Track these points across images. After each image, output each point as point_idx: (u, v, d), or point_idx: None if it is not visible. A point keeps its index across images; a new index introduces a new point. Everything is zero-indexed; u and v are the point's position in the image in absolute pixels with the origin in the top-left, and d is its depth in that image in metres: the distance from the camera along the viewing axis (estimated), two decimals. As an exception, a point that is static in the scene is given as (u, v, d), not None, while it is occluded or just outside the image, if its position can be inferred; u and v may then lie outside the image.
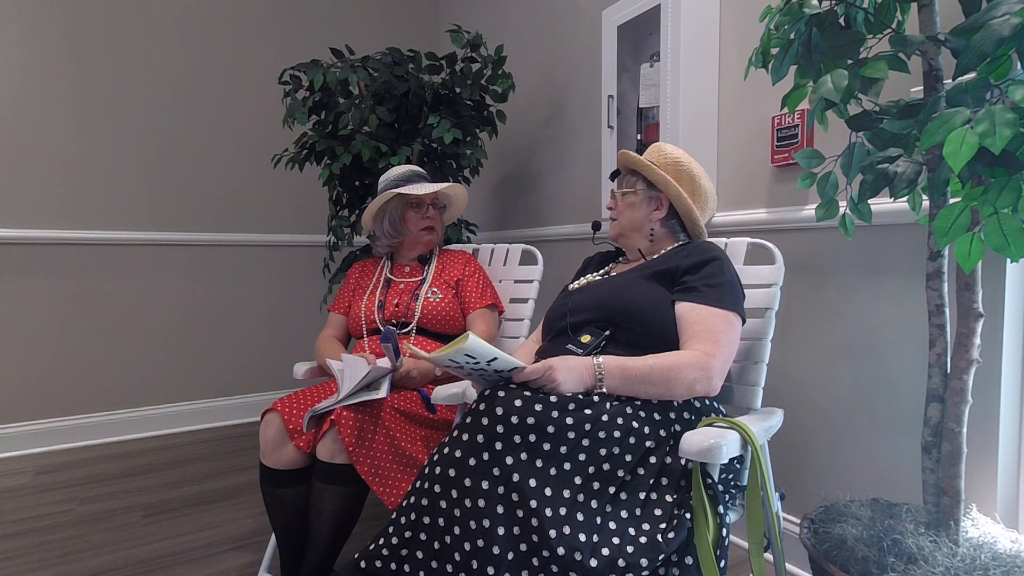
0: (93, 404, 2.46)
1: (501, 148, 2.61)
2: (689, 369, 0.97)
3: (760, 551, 0.90)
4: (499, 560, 0.78)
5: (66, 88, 2.35)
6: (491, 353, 0.88)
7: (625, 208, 1.25)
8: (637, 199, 1.23)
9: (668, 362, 0.97)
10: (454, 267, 1.59)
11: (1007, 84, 0.72)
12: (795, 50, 0.91)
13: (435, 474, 0.85)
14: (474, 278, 1.57)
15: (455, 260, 1.62)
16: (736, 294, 1.08)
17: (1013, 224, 0.68)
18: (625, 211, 1.24)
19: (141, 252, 2.53)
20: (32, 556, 1.52)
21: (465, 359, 0.89)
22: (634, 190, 1.24)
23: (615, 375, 0.96)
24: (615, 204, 1.27)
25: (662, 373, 0.96)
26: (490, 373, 0.94)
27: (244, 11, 2.70)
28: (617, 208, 1.26)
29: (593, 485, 0.85)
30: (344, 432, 1.19)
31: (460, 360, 0.89)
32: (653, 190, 1.23)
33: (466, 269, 1.59)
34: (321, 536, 1.24)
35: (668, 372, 0.96)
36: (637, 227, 1.24)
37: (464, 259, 1.62)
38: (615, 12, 1.71)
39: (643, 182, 1.23)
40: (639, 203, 1.23)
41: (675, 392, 0.97)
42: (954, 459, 0.91)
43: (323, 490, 1.23)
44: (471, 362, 0.90)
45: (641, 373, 0.96)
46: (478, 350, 0.87)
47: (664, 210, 1.22)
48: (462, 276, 1.57)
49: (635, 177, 1.25)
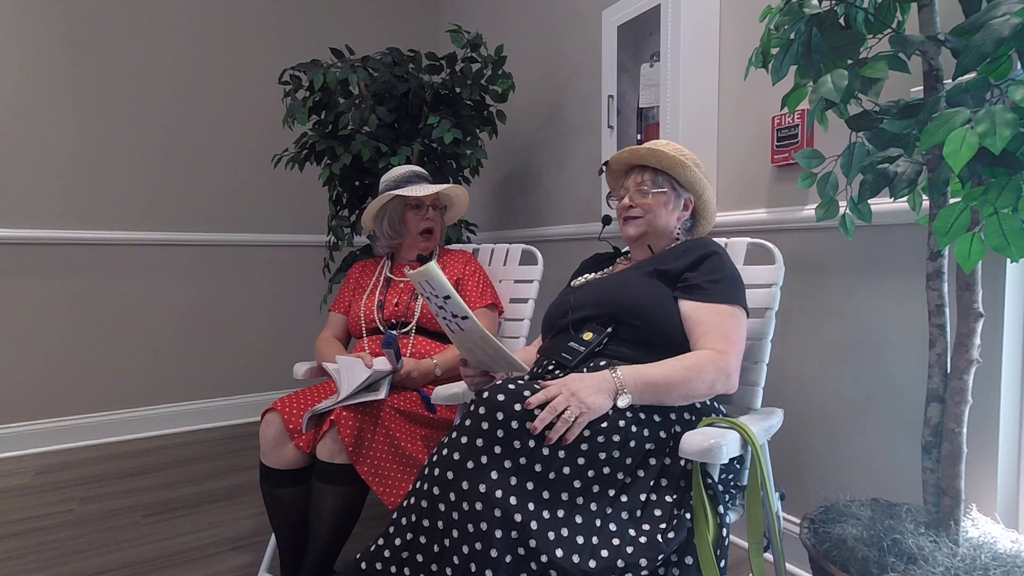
0: (93, 404, 2.46)
1: (501, 148, 2.61)
2: (707, 370, 0.96)
3: (760, 551, 0.90)
4: (497, 563, 0.78)
5: (66, 88, 2.35)
6: (446, 289, 0.94)
7: (659, 207, 1.17)
8: (667, 198, 1.18)
9: (686, 364, 0.96)
10: (454, 266, 1.59)
11: (1007, 84, 0.72)
12: (795, 50, 0.91)
13: (434, 476, 0.85)
14: (474, 278, 1.57)
15: (455, 259, 1.61)
16: (738, 288, 1.08)
17: (1013, 224, 0.68)
18: (659, 210, 1.17)
19: (141, 252, 2.53)
20: (32, 556, 1.52)
21: (426, 289, 0.97)
22: (665, 190, 1.18)
23: (635, 386, 0.93)
24: (642, 202, 1.18)
25: (683, 375, 0.94)
26: (449, 316, 0.99)
27: (244, 11, 2.70)
28: (647, 206, 1.18)
29: (592, 488, 0.85)
30: (343, 432, 1.19)
31: (424, 291, 0.98)
32: (683, 190, 1.19)
33: (466, 269, 1.58)
34: (321, 536, 1.24)
35: (688, 374, 0.95)
36: (668, 229, 1.19)
37: (464, 259, 1.62)
38: (615, 12, 1.71)
39: (669, 182, 1.19)
40: (669, 202, 1.18)
41: (697, 393, 0.96)
42: (954, 459, 0.91)
43: (323, 490, 1.23)
44: (429, 294, 0.97)
45: (661, 380, 0.94)
46: (437, 281, 0.94)
47: (689, 211, 1.21)
48: (462, 276, 1.57)
49: (662, 176, 1.18)
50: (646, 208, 1.18)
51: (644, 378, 0.94)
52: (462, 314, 0.96)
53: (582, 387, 0.89)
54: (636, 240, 1.21)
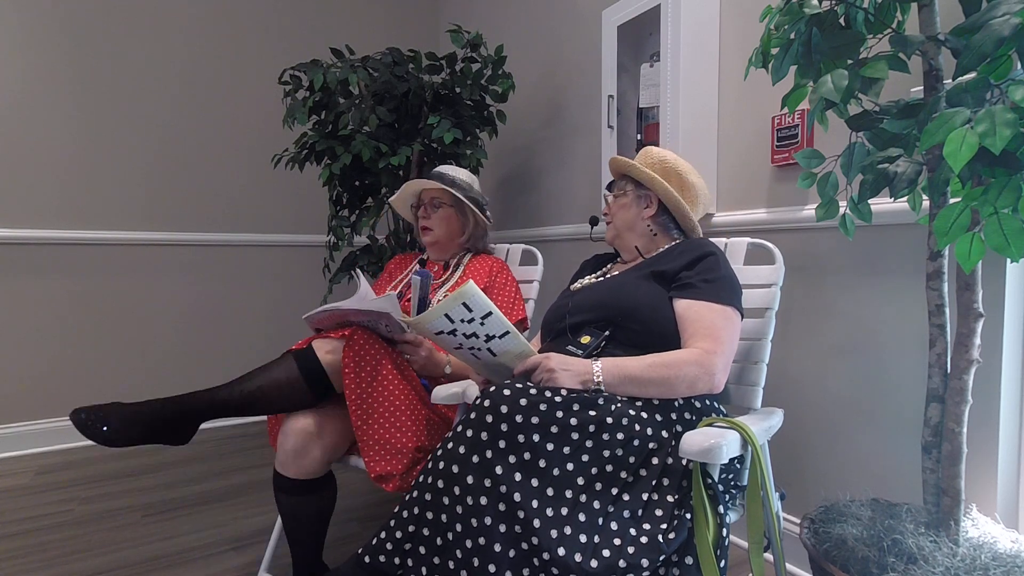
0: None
1: (501, 148, 2.61)
2: (688, 367, 0.97)
3: (760, 551, 0.90)
4: (500, 558, 0.78)
5: (66, 88, 2.35)
6: (487, 307, 0.86)
7: (618, 209, 1.28)
8: (628, 200, 1.27)
9: (666, 360, 0.97)
10: (479, 272, 1.51)
11: (1007, 84, 0.72)
12: (795, 50, 0.91)
13: (438, 469, 0.85)
14: (505, 289, 1.49)
15: (481, 265, 1.53)
16: (733, 289, 1.08)
17: (1013, 224, 0.68)
18: (618, 212, 1.28)
19: (141, 252, 2.53)
20: (32, 556, 1.52)
21: (461, 313, 0.87)
22: (624, 191, 1.27)
23: (612, 374, 0.96)
24: (609, 209, 1.31)
25: (660, 372, 0.96)
26: (481, 342, 0.91)
27: (244, 11, 2.70)
28: (611, 211, 1.30)
29: (595, 486, 0.85)
30: (347, 356, 1.16)
31: (456, 316, 0.87)
32: (642, 189, 1.26)
33: (497, 278, 1.50)
34: (306, 540, 1.24)
35: (666, 370, 0.96)
36: (631, 226, 1.26)
37: (489, 265, 1.53)
38: (615, 12, 1.71)
39: (632, 183, 1.27)
40: (630, 203, 1.26)
41: (677, 390, 0.97)
42: (954, 459, 0.91)
43: (299, 501, 1.22)
44: (466, 319, 0.87)
45: (638, 372, 0.96)
46: (477, 300, 0.86)
47: (654, 207, 1.25)
48: (490, 284, 1.49)
49: (625, 180, 1.29)
50: (611, 212, 1.30)
51: (624, 371, 0.96)
52: (501, 331, 0.88)
53: (560, 368, 0.95)
54: (613, 242, 1.30)
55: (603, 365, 0.97)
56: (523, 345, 0.95)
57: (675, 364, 0.97)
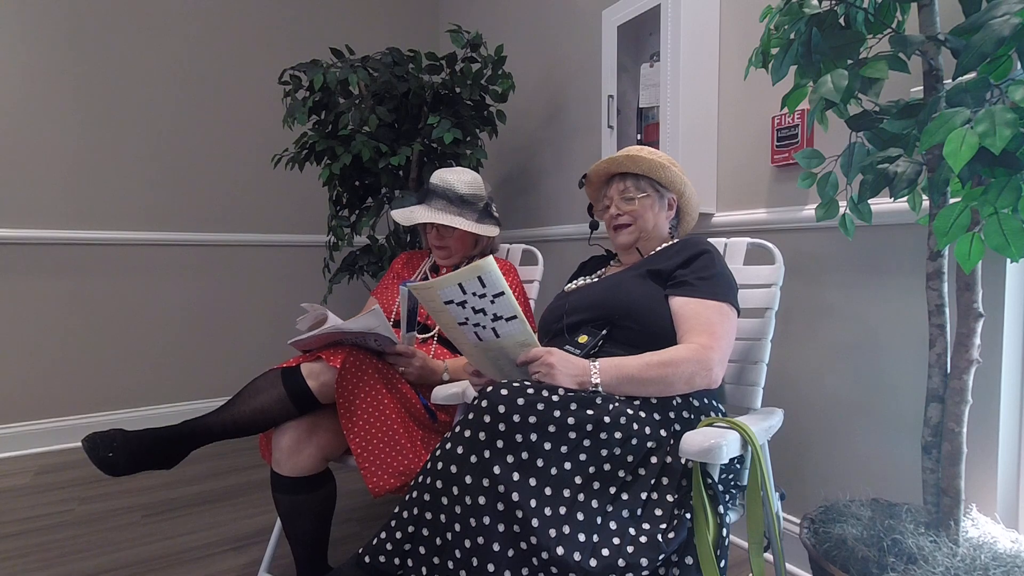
0: (93, 404, 2.46)
1: (501, 148, 2.61)
2: (686, 363, 0.97)
3: (760, 551, 0.90)
4: (499, 557, 0.78)
5: (67, 88, 2.35)
6: (501, 286, 0.88)
7: (645, 211, 1.20)
8: (652, 200, 1.21)
9: (664, 358, 0.98)
10: None
11: (1007, 84, 0.72)
12: (795, 50, 0.91)
13: (437, 469, 0.85)
14: (514, 292, 1.48)
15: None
16: (728, 286, 1.08)
17: (1013, 224, 0.68)
18: (644, 214, 1.20)
19: (141, 252, 2.53)
20: (32, 556, 1.52)
21: (475, 286, 0.89)
22: (648, 193, 1.21)
23: (610, 373, 0.96)
24: (629, 208, 1.20)
25: (658, 369, 0.96)
26: (488, 320, 0.93)
27: (244, 11, 2.70)
28: (635, 212, 1.20)
29: (594, 485, 0.85)
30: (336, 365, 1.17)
31: (468, 288, 0.90)
32: (665, 191, 1.23)
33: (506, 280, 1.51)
34: (307, 540, 1.24)
35: (664, 368, 0.96)
36: (659, 230, 1.23)
37: (502, 268, 1.52)
38: (615, 12, 1.71)
39: (651, 185, 1.22)
40: (654, 204, 1.22)
41: (675, 387, 0.97)
42: (954, 459, 0.91)
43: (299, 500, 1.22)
44: (478, 292, 0.90)
45: (636, 372, 0.96)
46: (492, 277, 0.87)
47: (673, 210, 1.25)
48: None
49: (640, 180, 1.22)
50: (634, 215, 1.21)
51: (622, 371, 0.96)
52: (509, 314, 0.91)
53: (559, 365, 0.94)
54: (630, 246, 1.23)
55: (601, 365, 0.96)
56: (528, 334, 0.96)
57: (672, 362, 0.97)
